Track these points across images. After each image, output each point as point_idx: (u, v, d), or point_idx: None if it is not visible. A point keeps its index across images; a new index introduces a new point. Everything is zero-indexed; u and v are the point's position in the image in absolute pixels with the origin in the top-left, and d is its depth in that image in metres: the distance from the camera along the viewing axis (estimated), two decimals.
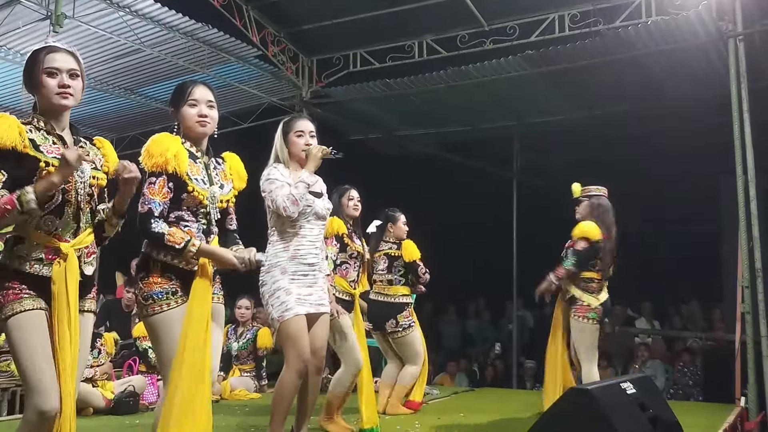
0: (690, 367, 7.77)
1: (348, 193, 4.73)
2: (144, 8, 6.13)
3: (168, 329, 2.68)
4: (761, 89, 6.43)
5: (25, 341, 2.35)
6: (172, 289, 2.71)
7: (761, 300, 5.51)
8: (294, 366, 3.36)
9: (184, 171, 2.73)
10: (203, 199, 2.78)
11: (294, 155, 3.58)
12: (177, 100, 2.87)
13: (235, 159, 3.06)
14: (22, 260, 2.39)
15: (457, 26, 7.23)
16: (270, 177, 3.48)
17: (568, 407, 3.07)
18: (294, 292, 3.41)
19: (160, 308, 2.69)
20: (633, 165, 9.53)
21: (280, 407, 3.44)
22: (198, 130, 2.85)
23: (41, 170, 2.37)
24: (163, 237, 2.66)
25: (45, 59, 2.45)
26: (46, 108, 2.47)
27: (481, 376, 9.15)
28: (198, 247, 2.69)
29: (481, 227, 10.78)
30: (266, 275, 3.46)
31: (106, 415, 4.98)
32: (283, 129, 3.63)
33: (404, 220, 5.40)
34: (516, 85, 7.33)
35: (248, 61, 7.34)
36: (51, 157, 2.39)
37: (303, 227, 3.50)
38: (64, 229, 2.45)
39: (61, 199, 2.43)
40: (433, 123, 8.85)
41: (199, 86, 2.88)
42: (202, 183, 2.80)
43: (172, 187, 2.73)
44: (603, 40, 6.39)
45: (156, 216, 2.68)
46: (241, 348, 6.42)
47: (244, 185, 3.05)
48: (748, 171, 5.68)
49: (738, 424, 5.25)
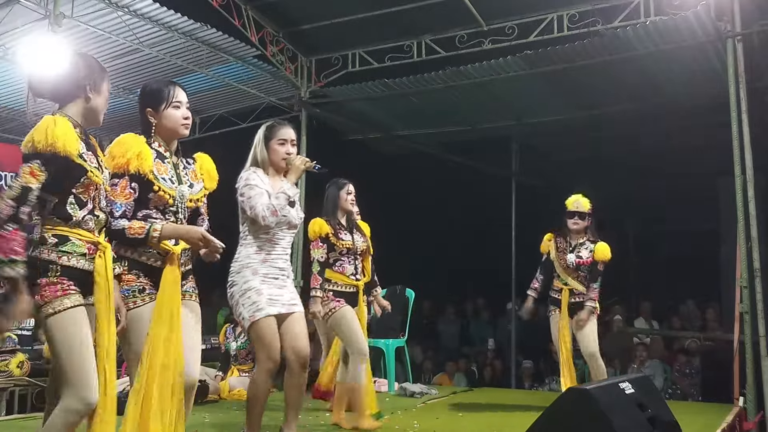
0: (688, 367, 7.78)
1: (347, 187, 4.73)
2: (143, 8, 6.12)
3: (134, 326, 2.72)
4: (760, 89, 6.44)
5: (74, 335, 2.41)
6: (138, 287, 2.76)
7: (760, 300, 5.50)
8: (264, 366, 3.41)
9: (148, 170, 2.77)
10: (170, 199, 2.82)
11: (273, 162, 3.60)
12: (157, 101, 2.89)
13: (206, 159, 3.10)
14: (69, 256, 2.47)
15: (455, 26, 7.23)
16: (249, 182, 3.50)
17: (567, 407, 3.07)
18: (265, 292, 3.44)
19: (126, 306, 2.73)
20: (631, 165, 9.54)
21: (254, 407, 3.48)
22: (182, 132, 2.91)
23: (84, 180, 2.50)
24: (124, 232, 2.71)
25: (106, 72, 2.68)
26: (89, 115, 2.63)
27: (479, 375, 9.15)
28: (160, 230, 2.74)
29: (479, 227, 10.79)
30: (237, 276, 3.49)
31: None
32: (265, 134, 3.63)
33: None
34: (515, 85, 7.33)
35: (247, 61, 7.33)
36: (92, 167, 2.53)
37: (276, 234, 3.54)
38: (97, 227, 2.58)
39: (92, 205, 2.56)
40: (432, 123, 8.85)
41: (179, 88, 2.94)
42: (170, 182, 2.84)
43: (135, 187, 2.77)
44: (602, 40, 6.39)
45: (116, 216, 2.72)
46: (239, 348, 6.42)
47: (215, 185, 3.09)
48: (746, 171, 5.68)
49: (736, 424, 5.25)
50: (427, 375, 8.89)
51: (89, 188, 2.53)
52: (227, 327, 6.64)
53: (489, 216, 10.15)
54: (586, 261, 5.28)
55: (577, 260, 5.29)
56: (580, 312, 5.20)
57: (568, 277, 5.33)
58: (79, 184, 2.50)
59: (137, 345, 2.70)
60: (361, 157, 9.60)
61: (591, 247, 5.29)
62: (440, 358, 9.56)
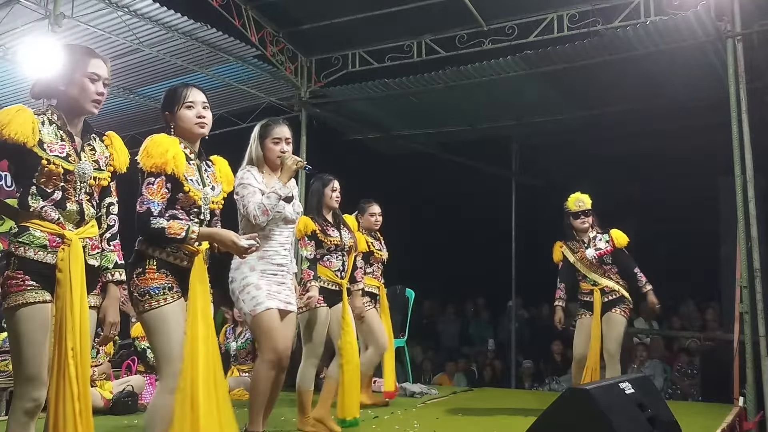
0: (688, 367, 7.77)
1: (332, 184, 4.70)
2: (143, 8, 6.11)
3: (165, 324, 2.73)
4: (760, 89, 6.43)
5: (21, 335, 2.38)
6: (168, 285, 2.77)
7: (759, 300, 5.50)
8: (267, 358, 3.45)
9: (182, 172, 2.80)
10: (198, 200, 2.86)
11: (269, 160, 3.69)
12: (172, 103, 2.93)
13: (223, 163, 3.14)
14: (26, 247, 2.42)
15: (455, 26, 7.23)
16: (243, 181, 3.57)
17: (567, 407, 3.08)
18: (264, 287, 3.50)
19: (157, 303, 2.74)
20: (631, 165, 9.53)
21: (257, 400, 3.53)
22: (197, 132, 2.93)
23: (42, 168, 2.42)
24: (164, 231, 2.72)
25: (91, 62, 2.55)
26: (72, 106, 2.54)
27: (479, 376, 9.15)
28: (198, 232, 2.79)
29: (479, 227, 10.78)
30: (235, 272, 3.55)
31: (104, 415, 4.99)
32: (260, 132, 3.71)
33: (373, 211, 5.50)
34: (515, 85, 7.33)
35: (247, 61, 7.33)
36: (53, 156, 2.44)
37: (273, 230, 3.61)
38: (67, 220, 2.50)
39: (61, 196, 2.48)
40: (432, 123, 8.85)
41: (193, 89, 2.96)
42: (197, 184, 2.87)
43: (170, 187, 2.79)
44: (601, 40, 6.39)
45: (155, 215, 2.74)
46: (239, 348, 6.42)
47: (231, 189, 3.18)
48: (746, 171, 5.67)
49: (736, 424, 5.26)
50: (427, 375, 8.89)
51: (52, 178, 2.45)
52: (227, 327, 6.64)
53: (489, 216, 10.15)
54: (606, 251, 5.29)
55: (597, 252, 5.29)
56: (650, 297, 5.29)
57: (595, 275, 5.31)
58: (38, 173, 2.43)
59: (167, 341, 2.71)
60: (361, 157, 9.60)
61: (605, 237, 5.32)
62: (440, 358, 9.56)
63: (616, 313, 5.25)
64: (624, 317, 5.28)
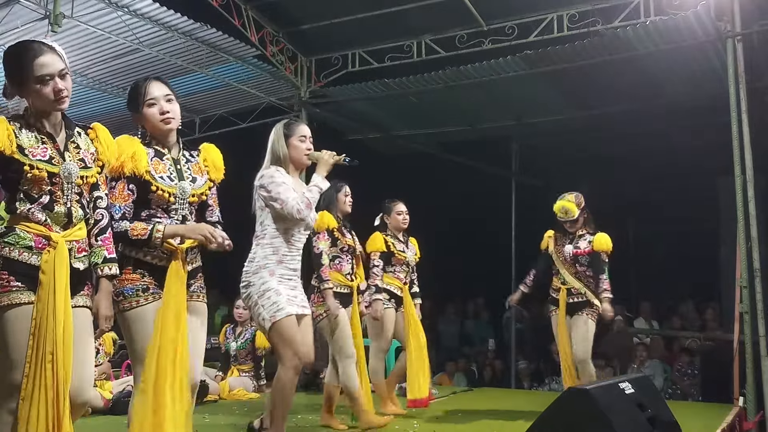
0: (688, 367, 7.77)
1: (344, 189, 4.79)
2: (142, 8, 6.12)
3: (139, 326, 2.71)
4: (760, 89, 6.43)
5: (10, 335, 2.33)
6: (143, 286, 2.74)
7: (759, 300, 5.51)
8: (290, 364, 3.40)
9: (144, 170, 2.74)
10: (170, 197, 2.79)
11: (294, 159, 3.61)
12: (134, 102, 2.87)
13: (211, 150, 3.03)
14: (11, 248, 2.38)
15: (455, 26, 7.23)
16: (275, 179, 3.47)
17: (567, 407, 3.07)
18: (283, 293, 3.45)
19: (130, 305, 2.71)
20: (631, 165, 9.54)
21: (281, 407, 3.46)
22: (164, 129, 2.85)
23: (26, 173, 2.37)
24: (126, 233, 2.70)
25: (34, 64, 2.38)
26: (38, 108, 2.44)
27: (479, 376, 9.15)
28: (163, 231, 2.72)
29: (479, 227, 10.78)
30: (253, 276, 3.47)
31: (104, 415, 4.98)
32: (284, 131, 3.62)
33: (400, 210, 5.42)
34: (515, 85, 7.33)
35: (247, 61, 7.33)
36: (36, 160, 2.39)
37: (294, 236, 3.54)
38: (55, 222, 2.45)
39: (49, 199, 2.44)
40: (432, 123, 8.85)
41: (153, 82, 2.87)
42: (169, 180, 2.80)
43: (133, 188, 2.75)
44: (601, 40, 6.39)
45: (117, 219, 2.71)
46: (239, 348, 6.42)
47: (222, 175, 3.02)
48: (746, 171, 5.68)
49: (736, 424, 5.25)
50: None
51: (38, 183, 2.40)
52: (227, 327, 6.64)
53: (489, 216, 10.15)
54: (584, 251, 5.17)
55: (574, 251, 5.20)
56: (603, 305, 5.04)
57: (566, 273, 5.24)
58: (24, 179, 2.38)
59: (141, 344, 2.69)
60: (361, 157, 9.54)
61: (589, 239, 5.20)
62: (440, 358, 9.55)
63: (582, 316, 5.13)
64: (591, 321, 5.12)
